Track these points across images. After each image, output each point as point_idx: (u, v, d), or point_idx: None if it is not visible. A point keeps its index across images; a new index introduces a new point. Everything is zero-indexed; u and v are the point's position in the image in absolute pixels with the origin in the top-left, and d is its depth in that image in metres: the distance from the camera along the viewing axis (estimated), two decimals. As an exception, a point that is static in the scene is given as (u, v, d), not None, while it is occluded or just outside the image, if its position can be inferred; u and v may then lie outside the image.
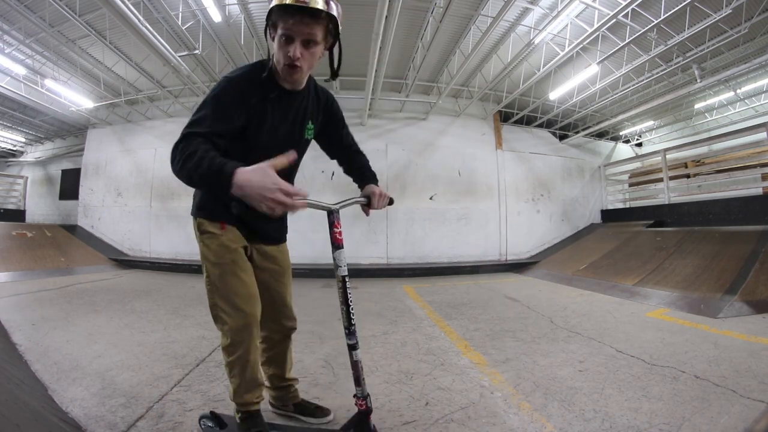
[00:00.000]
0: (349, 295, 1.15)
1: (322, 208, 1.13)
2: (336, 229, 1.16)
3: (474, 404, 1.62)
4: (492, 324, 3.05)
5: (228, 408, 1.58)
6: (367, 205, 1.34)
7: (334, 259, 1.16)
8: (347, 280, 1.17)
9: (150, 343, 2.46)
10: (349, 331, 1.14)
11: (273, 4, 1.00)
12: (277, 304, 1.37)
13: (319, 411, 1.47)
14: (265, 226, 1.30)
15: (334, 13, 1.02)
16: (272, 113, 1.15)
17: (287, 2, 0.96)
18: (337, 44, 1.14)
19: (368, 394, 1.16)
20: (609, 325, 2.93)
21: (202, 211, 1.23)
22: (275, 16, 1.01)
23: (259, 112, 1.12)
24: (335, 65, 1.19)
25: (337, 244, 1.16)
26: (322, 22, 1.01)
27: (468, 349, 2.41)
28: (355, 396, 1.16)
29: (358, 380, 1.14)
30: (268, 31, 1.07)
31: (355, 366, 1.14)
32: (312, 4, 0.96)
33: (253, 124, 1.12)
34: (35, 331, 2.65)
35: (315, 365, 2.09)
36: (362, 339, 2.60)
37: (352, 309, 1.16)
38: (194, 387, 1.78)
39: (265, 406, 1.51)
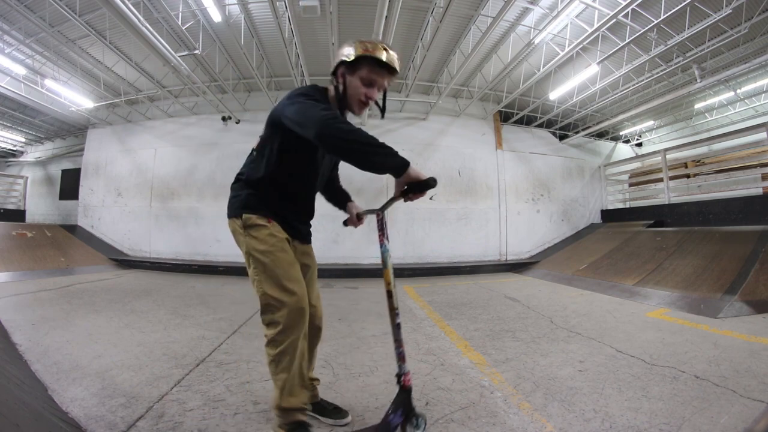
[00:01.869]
0: (392, 280, 1.29)
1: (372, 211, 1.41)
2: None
3: (474, 404, 1.62)
4: (492, 324, 3.05)
5: (227, 408, 1.58)
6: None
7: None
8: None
9: (150, 343, 2.46)
10: (396, 313, 1.28)
11: (368, 53, 1.22)
12: (311, 296, 1.44)
13: (337, 412, 1.48)
14: (300, 226, 1.46)
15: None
16: None
17: (385, 60, 1.22)
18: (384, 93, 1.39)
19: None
20: (609, 325, 2.93)
21: (248, 209, 1.33)
22: (366, 63, 1.23)
23: None
24: (383, 107, 1.43)
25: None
26: (394, 77, 1.29)
27: (468, 349, 2.41)
28: (399, 374, 1.23)
29: (403, 357, 1.24)
30: (340, 68, 1.28)
31: (400, 344, 1.26)
32: (396, 67, 1.25)
33: None
34: (35, 331, 2.65)
35: (315, 365, 2.08)
36: (362, 339, 2.62)
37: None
38: (194, 387, 1.78)
39: None
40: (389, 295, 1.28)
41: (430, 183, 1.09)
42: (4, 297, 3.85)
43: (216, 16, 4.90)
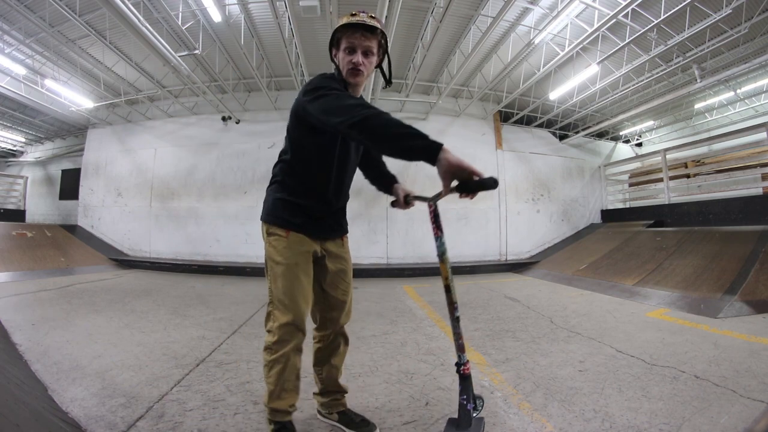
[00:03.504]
0: (449, 275, 1.31)
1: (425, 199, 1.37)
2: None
3: (474, 404, 1.62)
4: (492, 324, 3.05)
5: (227, 408, 1.58)
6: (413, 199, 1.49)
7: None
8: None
9: (150, 343, 2.46)
10: (455, 306, 1.30)
11: (338, 24, 1.26)
12: (341, 302, 1.43)
13: (364, 424, 1.43)
14: (330, 220, 1.42)
15: (380, 29, 1.27)
16: None
17: (351, 22, 1.23)
18: (386, 58, 1.38)
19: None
20: (609, 325, 2.93)
21: (271, 216, 1.34)
22: (340, 33, 1.27)
23: None
24: (388, 74, 1.42)
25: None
26: (377, 38, 1.28)
27: (468, 349, 2.40)
28: (459, 364, 1.29)
29: (462, 348, 1.30)
30: (332, 50, 1.33)
31: (459, 336, 1.30)
32: (367, 23, 1.23)
33: None
34: (35, 331, 2.65)
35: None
36: (362, 339, 2.62)
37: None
38: (194, 387, 1.78)
39: (314, 412, 1.54)
40: (447, 289, 1.29)
41: (487, 183, 0.94)
42: (4, 297, 3.85)
43: (216, 16, 4.90)
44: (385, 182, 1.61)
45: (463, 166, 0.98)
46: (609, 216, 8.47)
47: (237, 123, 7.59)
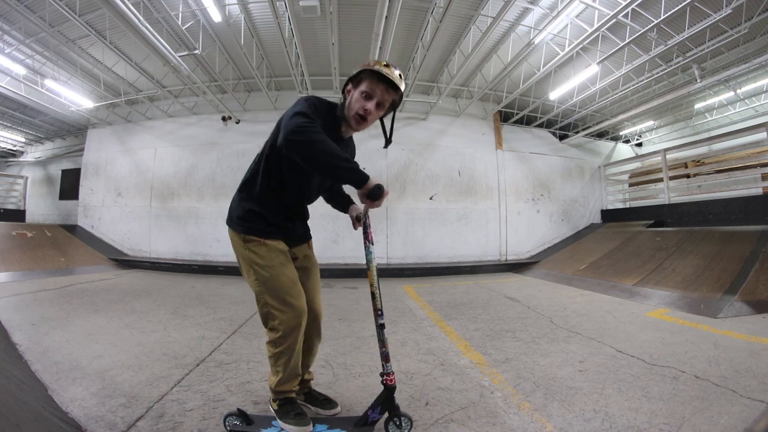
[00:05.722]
0: (375, 282, 1.38)
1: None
2: (370, 229, 1.43)
3: (474, 404, 1.62)
4: (492, 324, 3.05)
5: (227, 408, 1.58)
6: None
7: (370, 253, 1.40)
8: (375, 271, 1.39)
9: (150, 343, 2.46)
10: (380, 313, 1.35)
11: (368, 67, 1.29)
12: (309, 297, 1.50)
13: (327, 402, 1.56)
14: (296, 229, 1.52)
15: (402, 92, 1.36)
16: None
17: (382, 72, 1.27)
18: (392, 115, 1.46)
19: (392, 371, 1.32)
20: (609, 325, 2.93)
21: (245, 227, 1.40)
22: (366, 76, 1.31)
23: None
24: (388, 133, 1.48)
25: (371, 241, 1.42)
26: (395, 96, 1.34)
27: (468, 349, 2.41)
28: (383, 374, 1.30)
29: (387, 357, 1.31)
30: (348, 84, 1.36)
31: (384, 344, 1.32)
32: (394, 80, 1.29)
33: None
34: (35, 331, 2.65)
35: (315, 365, 2.07)
36: (362, 339, 2.62)
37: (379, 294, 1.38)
38: (194, 387, 1.78)
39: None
40: (372, 296, 1.35)
41: (376, 191, 1.17)
42: (4, 297, 3.85)
43: (216, 16, 4.90)
44: (340, 201, 1.72)
45: (372, 185, 1.18)
46: (609, 216, 8.47)
47: (237, 123, 7.59)
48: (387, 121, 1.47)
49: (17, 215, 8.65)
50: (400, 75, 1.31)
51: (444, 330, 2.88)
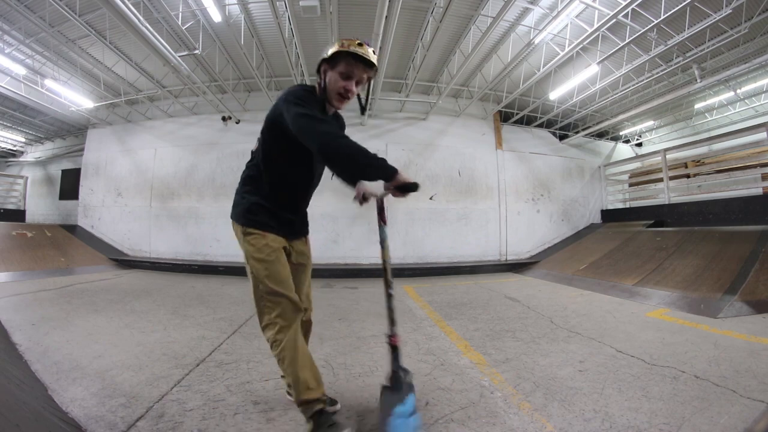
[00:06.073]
0: (388, 258, 1.48)
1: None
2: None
3: (474, 404, 1.62)
4: (492, 324, 3.05)
5: (227, 408, 1.58)
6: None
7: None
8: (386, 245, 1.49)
9: (150, 343, 2.46)
10: (389, 285, 1.46)
11: (344, 48, 1.32)
12: (301, 293, 1.55)
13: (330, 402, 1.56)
14: (296, 221, 1.54)
15: (377, 67, 1.40)
16: None
17: (358, 53, 1.31)
18: (368, 89, 1.53)
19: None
20: (609, 325, 2.93)
21: (248, 219, 1.42)
22: (342, 57, 1.33)
23: None
24: (364, 103, 1.61)
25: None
26: (371, 72, 1.39)
27: (468, 349, 2.41)
28: (389, 335, 1.41)
29: (393, 321, 1.42)
30: (323, 65, 1.38)
31: (391, 312, 1.43)
32: (370, 59, 1.33)
33: None
34: (35, 331, 2.65)
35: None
36: (362, 339, 2.62)
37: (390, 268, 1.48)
38: (194, 387, 1.78)
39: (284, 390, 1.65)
40: (384, 270, 1.46)
41: (412, 187, 1.23)
42: (4, 297, 3.85)
43: (216, 16, 4.89)
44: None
45: (406, 180, 1.22)
46: (609, 216, 8.47)
47: (237, 123, 7.59)
48: (362, 93, 1.52)
49: (17, 215, 8.65)
50: (373, 51, 1.37)
51: (444, 330, 2.88)
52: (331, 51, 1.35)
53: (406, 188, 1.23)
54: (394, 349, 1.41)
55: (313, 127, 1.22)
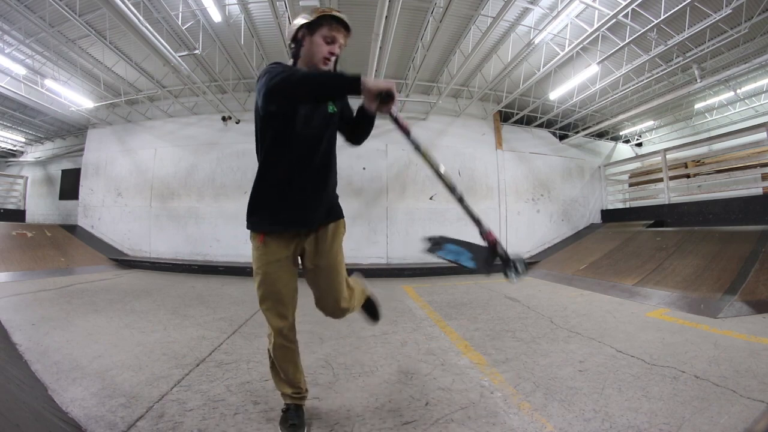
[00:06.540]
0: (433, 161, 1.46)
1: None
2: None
3: (474, 404, 1.62)
4: (492, 324, 3.05)
5: (227, 408, 1.58)
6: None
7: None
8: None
9: (150, 343, 2.46)
10: (454, 189, 1.45)
11: (327, 13, 1.34)
12: (323, 297, 1.53)
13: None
14: (305, 212, 1.39)
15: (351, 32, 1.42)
16: None
17: (341, 17, 1.35)
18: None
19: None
20: (609, 325, 2.93)
21: (248, 222, 1.40)
22: (325, 21, 1.33)
23: None
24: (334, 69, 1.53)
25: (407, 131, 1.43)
26: (348, 37, 1.41)
27: (468, 349, 2.41)
28: (483, 233, 1.44)
29: (479, 222, 1.45)
30: (300, 31, 1.36)
31: (471, 213, 1.44)
32: (349, 24, 1.38)
33: None
34: (35, 331, 2.65)
35: (315, 365, 2.09)
36: (362, 339, 2.62)
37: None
38: (194, 387, 1.78)
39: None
40: (439, 176, 1.44)
41: (387, 92, 1.17)
42: (4, 297, 3.85)
43: (216, 16, 4.90)
44: (359, 121, 1.52)
45: (377, 85, 1.16)
46: (609, 216, 8.47)
47: (237, 123, 7.59)
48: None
49: (17, 215, 8.64)
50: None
51: (444, 330, 2.88)
52: (310, 17, 1.35)
53: (386, 96, 1.17)
54: (494, 245, 1.43)
55: (261, 82, 1.17)
